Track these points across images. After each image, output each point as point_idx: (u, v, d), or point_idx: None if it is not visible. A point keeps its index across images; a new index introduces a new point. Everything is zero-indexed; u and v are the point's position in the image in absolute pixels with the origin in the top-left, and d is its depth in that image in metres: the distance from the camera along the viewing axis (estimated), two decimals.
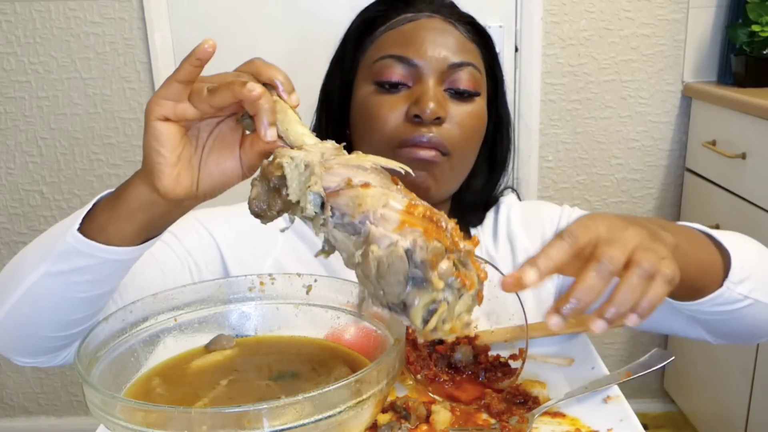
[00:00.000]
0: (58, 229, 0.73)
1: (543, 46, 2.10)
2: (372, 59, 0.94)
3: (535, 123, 2.16)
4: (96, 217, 0.70)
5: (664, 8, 2.08)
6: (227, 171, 0.67)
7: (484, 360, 0.79)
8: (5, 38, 2.05)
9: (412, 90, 0.91)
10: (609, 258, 0.57)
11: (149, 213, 0.68)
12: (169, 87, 0.63)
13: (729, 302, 0.78)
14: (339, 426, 0.54)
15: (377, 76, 0.92)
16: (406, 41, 0.92)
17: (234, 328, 0.75)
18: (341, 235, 0.56)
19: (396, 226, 0.53)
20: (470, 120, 0.92)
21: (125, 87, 2.09)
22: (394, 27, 0.94)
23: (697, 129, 2.12)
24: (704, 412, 2.16)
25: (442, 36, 0.93)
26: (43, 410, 2.40)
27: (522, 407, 0.73)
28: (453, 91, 0.92)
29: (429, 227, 0.53)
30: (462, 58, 0.92)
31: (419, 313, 0.53)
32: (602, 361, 0.85)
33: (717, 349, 2.03)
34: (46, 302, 0.74)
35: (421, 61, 0.91)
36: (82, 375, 0.57)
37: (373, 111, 0.91)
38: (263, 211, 0.59)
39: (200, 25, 2.07)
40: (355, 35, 0.98)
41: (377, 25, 0.96)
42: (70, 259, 0.70)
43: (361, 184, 0.56)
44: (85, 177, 2.18)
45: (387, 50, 0.93)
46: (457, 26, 0.95)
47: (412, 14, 0.95)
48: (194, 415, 0.51)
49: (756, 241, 0.87)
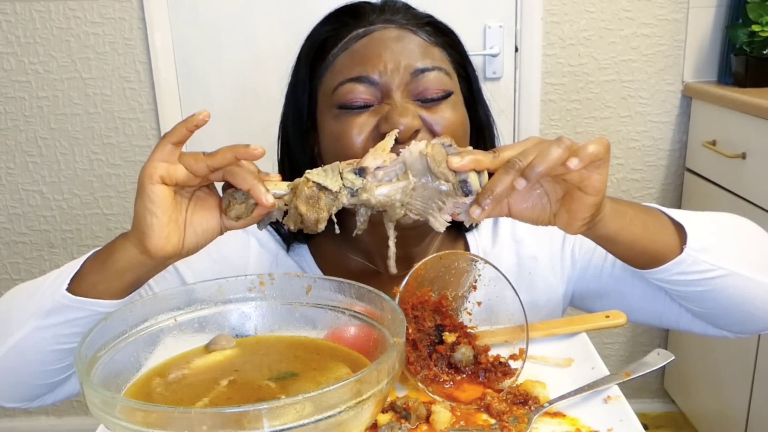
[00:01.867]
0: (47, 286, 0.79)
1: (543, 46, 2.10)
2: (330, 87, 0.88)
3: (535, 123, 2.16)
4: (85, 276, 0.77)
5: (664, 8, 2.08)
6: (209, 229, 0.74)
7: (484, 360, 0.79)
8: (5, 38, 2.05)
9: (378, 108, 0.85)
10: (518, 158, 0.68)
11: (137, 272, 0.75)
12: (163, 149, 0.69)
13: (696, 271, 0.81)
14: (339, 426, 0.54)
15: (339, 101, 0.86)
16: (362, 59, 0.86)
17: (234, 328, 0.75)
18: (387, 187, 0.72)
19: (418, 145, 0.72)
20: (448, 120, 0.86)
21: (125, 87, 2.09)
22: (347, 47, 0.88)
23: (697, 129, 2.12)
24: (704, 412, 2.16)
25: (399, 45, 0.86)
26: (43, 410, 2.40)
27: (522, 407, 0.73)
28: (422, 99, 0.86)
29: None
30: (425, 64, 0.86)
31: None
32: (602, 361, 0.85)
33: (717, 349, 2.03)
34: (34, 354, 0.80)
35: (383, 76, 0.85)
36: (82, 375, 0.57)
37: (343, 135, 0.85)
38: (313, 222, 0.71)
39: (200, 25, 2.07)
40: (306, 61, 0.92)
41: (329, 47, 0.90)
42: (60, 313, 0.77)
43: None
44: (85, 177, 2.18)
45: (344, 75, 0.86)
46: (416, 31, 0.89)
47: (364, 29, 0.88)
48: (194, 415, 0.51)
49: (742, 218, 0.91)
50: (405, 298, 0.77)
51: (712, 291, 0.83)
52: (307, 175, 0.71)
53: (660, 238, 0.81)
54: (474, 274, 0.82)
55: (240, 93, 2.12)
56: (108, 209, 2.20)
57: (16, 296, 0.84)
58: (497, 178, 0.69)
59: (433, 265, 0.79)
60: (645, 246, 0.80)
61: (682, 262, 0.81)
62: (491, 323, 0.83)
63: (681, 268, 0.81)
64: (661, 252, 0.81)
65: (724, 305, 0.85)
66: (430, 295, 0.80)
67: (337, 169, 0.72)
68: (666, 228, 0.82)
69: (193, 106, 2.12)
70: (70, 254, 2.24)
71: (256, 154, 0.68)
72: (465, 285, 0.83)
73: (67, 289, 0.76)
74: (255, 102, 2.13)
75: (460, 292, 0.83)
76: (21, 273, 2.27)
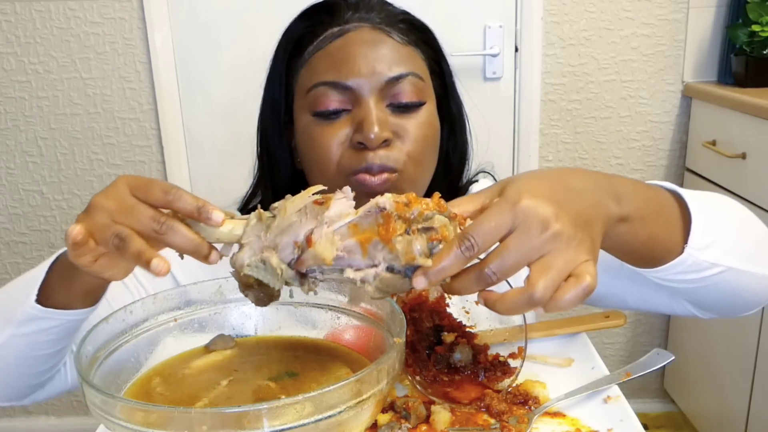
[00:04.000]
0: (16, 295, 0.80)
1: (543, 46, 2.10)
2: (305, 87, 0.89)
3: (535, 123, 2.16)
4: (52, 286, 0.77)
5: (664, 8, 2.08)
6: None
7: (484, 360, 0.79)
8: (5, 38, 2.05)
9: (352, 114, 0.86)
10: (493, 273, 0.57)
11: (105, 287, 0.76)
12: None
13: (696, 270, 0.76)
14: (339, 426, 0.54)
15: (313, 106, 0.87)
16: (337, 63, 0.86)
17: (234, 328, 0.75)
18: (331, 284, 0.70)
19: (360, 253, 0.60)
20: (419, 131, 0.87)
21: (125, 87, 2.09)
22: (322, 46, 0.89)
23: (697, 129, 2.12)
24: (704, 412, 2.16)
25: (373, 49, 0.87)
26: (43, 410, 2.40)
27: (522, 407, 0.73)
28: (395, 105, 0.87)
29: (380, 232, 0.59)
30: (399, 70, 0.86)
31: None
32: (602, 361, 0.85)
33: (717, 349, 2.03)
34: (15, 359, 0.82)
35: (356, 81, 0.85)
36: (82, 375, 0.57)
37: (317, 142, 0.87)
38: (270, 299, 0.66)
39: (200, 25, 2.07)
40: (284, 56, 0.93)
41: (305, 44, 0.91)
42: (33, 323, 0.78)
43: (306, 237, 0.61)
44: (85, 177, 2.18)
45: (319, 76, 0.87)
46: (390, 32, 0.89)
47: (338, 28, 0.89)
48: (194, 415, 0.51)
49: (735, 204, 0.85)
50: (403, 299, 0.77)
51: (706, 286, 0.81)
52: (245, 270, 0.63)
53: (663, 239, 0.76)
54: None
55: (240, 93, 2.12)
56: None
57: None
58: (463, 280, 0.59)
59: None
60: (642, 255, 0.76)
61: (682, 263, 0.77)
62: (490, 323, 0.83)
63: (680, 268, 0.77)
64: (660, 255, 0.77)
65: (716, 297, 0.83)
66: (427, 295, 0.80)
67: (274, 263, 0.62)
68: (672, 225, 0.77)
69: (193, 106, 2.13)
70: None
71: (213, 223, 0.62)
72: None
73: (37, 299, 0.76)
74: (255, 102, 2.13)
75: None
76: (21, 273, 2.27)
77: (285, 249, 0.61)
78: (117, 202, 0.63)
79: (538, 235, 0.57)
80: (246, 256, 0.62)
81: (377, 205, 0.60)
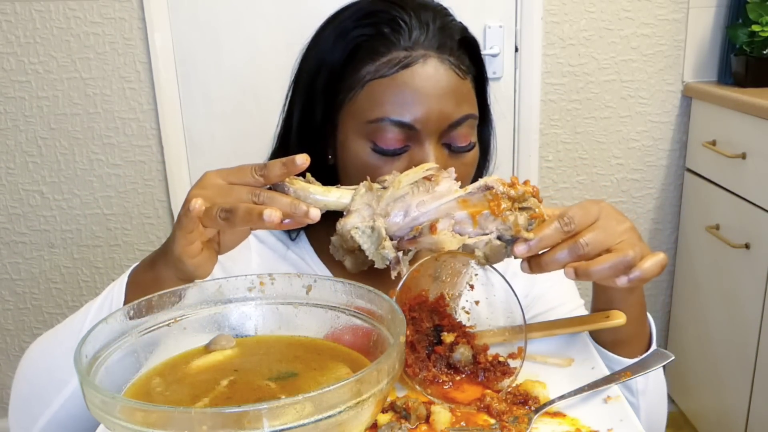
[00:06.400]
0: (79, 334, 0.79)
1: (543, 46, 2.10)
2: (365, 113, 0.86)
3: (535, 123, 2.16)
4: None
5: (664, 8, 2.08)
6: (242, 238, 0.79)
7: (483, 360, 0.79)
8: (5, 38, 2.05)
9: (411, 152, 0.86)
10: (586, 244, 0.72)
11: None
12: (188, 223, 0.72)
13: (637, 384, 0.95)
14: (339, 426, 0.54)
15: (375, 138, 0.85)
16: (405, 100, 0.84)
17: (234, 328, 0.75)
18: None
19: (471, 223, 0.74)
20: (465, 170, 0.90)
21: (125, 87, 2.09)
22: (386, 74, 0.85)
23: (697, 129, 2.12)
24: (704, 412, 2.16)
25: (440, 89, 0.85)
26: None
27: (522, 407, 0.73)
28: (450, 146, 0.88)
29: (490, 207, 0.73)
30: (461, 113, 0.87)
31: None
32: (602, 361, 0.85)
33: (717, 349, 2.03)
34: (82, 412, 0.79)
35: (421, 123, 0.84)
36: (82, 375, 0.57)
37: (372, 171, 0.85)
38: (364, 265, 0.75)
39: (200, 25, 2.07)
40: (333, 57, 0.88)
41: (362, 56, 0.86)
42: None
43: (431, 225, 0.72)
44: (85, 177, 2.18)
45: (384, 110, 0.85)
46: (452, 62, 0.87)
47: (404, 54, 0.85)
48: (194, 415, 0.51)
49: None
50: (402, 299, 0.77)
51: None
52: (352, 232, 0.72)
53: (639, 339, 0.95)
54: (470, 274, 0.82)
55: (240, 93, 2.12)
56: (108, 209, 2.20)
57: (52, 345, 0.85)
58: (557, 250, 0.73)
59: (429, 265, 0.79)
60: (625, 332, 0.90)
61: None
62: (490, 323, 0.84)
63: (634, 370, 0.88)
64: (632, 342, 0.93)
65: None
66: (427, 295, 0.80)
67: (383, 239, 0.72)
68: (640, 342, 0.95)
69: (193, 106, 2.13)
70: (70, 254, 2.24)
71: (273, 224, 0.69)
72: (462, 284, 0.83)
73: None
74: (255, 102, 2.13)
75: (457, 292, 0.83)
76: (21, 273, 2.27)
77: (395, 218, 0.72)
78: (213, 189, 0.72)
79: (618, 224, 0.74)
80: (356, 221, 0.71)
81: (485, 184, 0.73)
